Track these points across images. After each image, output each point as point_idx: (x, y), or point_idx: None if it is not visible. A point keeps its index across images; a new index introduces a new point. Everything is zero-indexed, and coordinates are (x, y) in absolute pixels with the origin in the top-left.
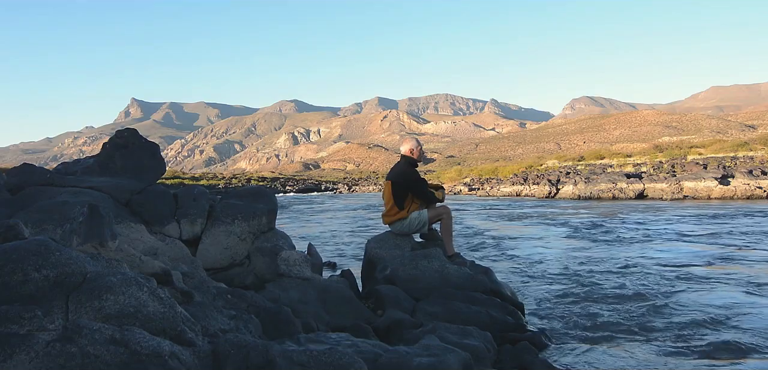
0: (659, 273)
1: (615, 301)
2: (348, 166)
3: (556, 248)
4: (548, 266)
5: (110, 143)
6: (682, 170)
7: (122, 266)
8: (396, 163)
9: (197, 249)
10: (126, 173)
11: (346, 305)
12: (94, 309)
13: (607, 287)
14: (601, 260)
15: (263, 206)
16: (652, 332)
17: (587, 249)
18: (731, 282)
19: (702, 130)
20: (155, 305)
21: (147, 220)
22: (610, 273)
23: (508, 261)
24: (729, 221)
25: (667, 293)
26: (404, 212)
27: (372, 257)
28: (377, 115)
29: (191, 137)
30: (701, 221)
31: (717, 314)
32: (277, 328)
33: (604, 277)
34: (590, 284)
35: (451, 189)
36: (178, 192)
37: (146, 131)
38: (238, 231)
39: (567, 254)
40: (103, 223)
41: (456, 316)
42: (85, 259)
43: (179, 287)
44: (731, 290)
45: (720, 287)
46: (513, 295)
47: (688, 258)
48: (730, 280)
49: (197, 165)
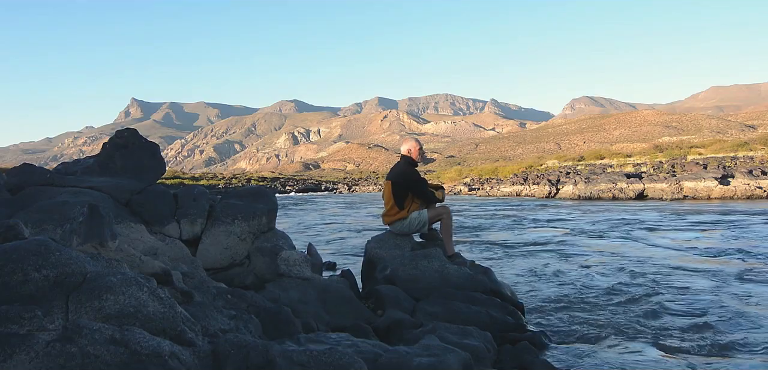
0: (660, 273)
1: (615, 301)
2: (348, 166)
3: (557, 248)
4: (548, 266)
5: (110, 143)
6: (682, 170)
7: (122, 266)
8: (396, 163)
9: (197, 249)
10: (126, 173)
11: (346, 305)
12: (94, 309)
13: (607, 287)
14: (601, 261)
15: (263, 206)
16: (653, 331)
17: (587, 249)
18: (732, 283)
19: (702, 130)
20: (155, 305)
21: (147, 220)
22: (610, 273)
23: (508, 261)
24: (728, 220)
25: (668, 293)
26: (404, 211)
27: (372, 257)
28: (377, 115)
29: (191, 137)
30: (701, 221)
31: (718, 314)
32: (277, 328)
33: (604, 277)
34: (591, 284)
35: (451, 189)
36: (178, 192)
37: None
38: (238, 231)
39: (567, 254)
40: (103, 223)
41: (456, 316)
42: (85, 259)
43: (179, 287)
44: (732, 290)
45: (721, 288)
46: (513, 295)
47: (689, 259)
48: (731, 280)
49: (197, 165)
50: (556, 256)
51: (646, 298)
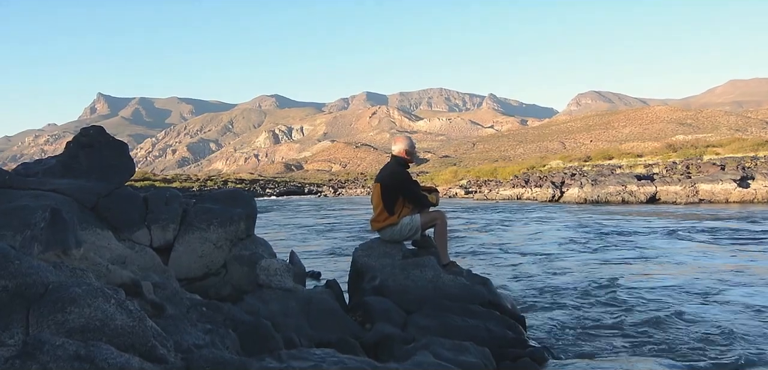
0: (670, 286)
1: (622, 315)
2: (334, 167)
3: (561, 257)
4: (552, 276)
5: (74, 142)
6: (698, 171)
7: (88, 275)
8: (386, 164)
9: (169, 257)
10: (92, 175)
11: (331, 319)
12: (56, 323)
13: (614, 300)
14: (608, 271)
15: (241, 211)
16: (659, 347)
17: (593, 259)
18: (743, 295)
19: (719, 127)
20: (123, 319)
21: (114, 225)
22: (617, 285)
23: (508, 271)
24: (747, 227)
25: (677, 307)
26: (395, 216)
27: (359, 266)
28: (365, 112)
29: (163, 136)
30: (717, 227)
31: (725, 328)
32: (256, 343)
33: (611, 289)
34: (596, 297)
35: (446, 192)
36: (149, 195)
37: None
38: (214, 238)
39: (572, 263)
40: (66, 229)
41: (451, 330)
42: (47, 268)
43: (150, 298)
44: (742, 303)
45: (731, 301)
46: (513, 307)
47: (701, 269)
48: (742, 293)
49: (169, 166)
50: (561, 266)
51: (655, 312)
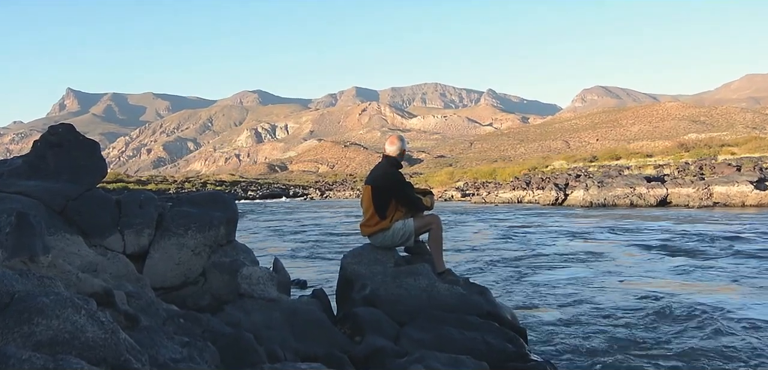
0: (678, 297)
1: (628, 327)
2: (320, 167)
3: (564, 266)
4: (554, 286)
5: (42, 141)
6: (712, 173)
7: (56, 284)
8: (377, 165)
9: (144, 265)
10: (60, 176)
11: (318, 331)
12: (23, 335)
13: (619, 311)
14: (614, 282)
15: (221, 215)
16: (667, 361)
17: (598, 267)
18: (756, 307)
19: (735, 125)
20: (95, 331)
21: (85, 230)
22: (624, 296)
23: (509, 279)
24: (763, 233)
25: (686, 321)
26: (386, 221)
27: (348, 275)
28: (355, 109)
29: (137, 134)
30: (732, 233)
31: (735, 344)
32: (237, 357)
33: (616, 300)
34: (601, 308)
35: (441, 194)
36: (122, 198)
37: (84, 127)
38: (192, 244)
39: (576, 272)
40: (33, 234)
41: (447, 343)
42: (13, 276)
43: (123, 309)
44: (754, 316)
45: (743, 316)
46: (513, 319)
47: (712, 280)
48: (755, 305)
49: (144, 166)
50: (564, 274)
51: (662, 325)
